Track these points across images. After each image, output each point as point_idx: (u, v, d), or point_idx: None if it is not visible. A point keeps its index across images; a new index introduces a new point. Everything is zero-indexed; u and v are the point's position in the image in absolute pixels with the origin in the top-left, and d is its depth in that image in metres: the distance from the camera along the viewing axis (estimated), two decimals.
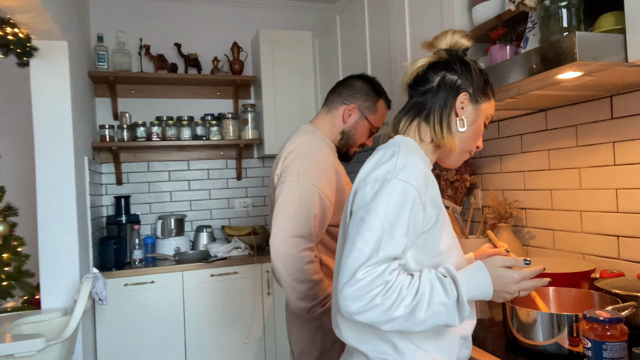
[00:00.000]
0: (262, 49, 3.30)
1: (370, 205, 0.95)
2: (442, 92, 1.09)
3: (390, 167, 0.98)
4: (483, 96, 1.12)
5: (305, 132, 1.68)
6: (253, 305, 3.00)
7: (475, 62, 1.14)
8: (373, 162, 1.02)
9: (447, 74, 1.09)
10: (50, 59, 2.34)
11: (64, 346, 2.05)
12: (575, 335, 1.11)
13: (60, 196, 2.36)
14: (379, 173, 0.98)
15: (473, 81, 1.10)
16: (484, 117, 1.13)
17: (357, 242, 0.93)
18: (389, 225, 0.93)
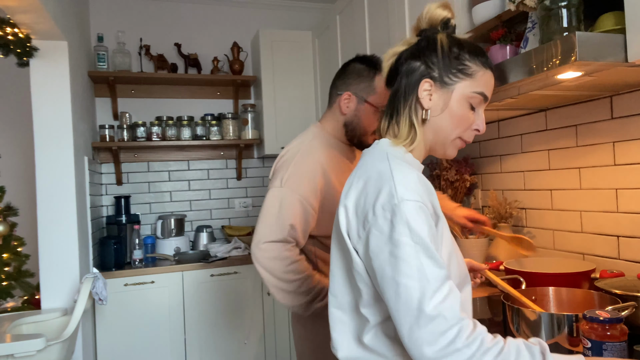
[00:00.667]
0: (262, 49, 3.30)
1: (393, 237, 0.86)
2: (403, 83, 0.99)
3: (390, 189, 0.89)
4: (455, 75, 0.97)
5: (304, 135, 1.63)
6: (253, 305, 3.00)
7: (449, 36, 1.00)
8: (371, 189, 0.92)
9: (410, 61, 0.99)
10: (50, 59, 2.34)
11: (64, 346, 2.05)
12: (575, 335, 1.11)
13: (60, 196, 2.36)
14: (383, 201, 0.89)
15: (439, 61, 0.97)
16: (466, 97, 0.98)
17: (401, 280, 0.84)
18: (423, 248, 0.85)
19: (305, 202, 1.49)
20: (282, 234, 1.46)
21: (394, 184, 0.89)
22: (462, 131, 1.00)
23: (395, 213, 0.87)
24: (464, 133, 1.01)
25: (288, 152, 1.57)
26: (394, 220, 0.86)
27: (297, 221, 1.48)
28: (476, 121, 1.00)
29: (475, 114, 1.00)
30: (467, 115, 0.99)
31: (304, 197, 1.48)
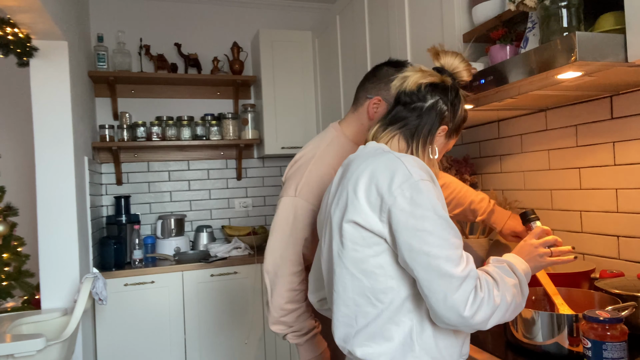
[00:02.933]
0: (262, 49, 3.30)
1: (416, 213, 0.94)
2: (431, 116, 1.10)
3: (404, 171, 0.97)
4: (455, 134, 1.16)
5: (320, 138, 1.57)
6: (253, 305, 3.00)
7: (464, 98, 1.17)
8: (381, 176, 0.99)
9: (440, 100, 1.11)
10: (50, 59, 2.34)
11: (64, 346, 2.05)
12: (575, 335, 1.11)
13: (60, 196, 2.36)
14: (399, 181, 0.96)
15: (456, 118, 1.14)
16: (444, 150, 1.18)
17: (431, 251, 0.92)
18: (444, 220, 0.95)
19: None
20: (295, 248, 1.43)
21: (405, 166, 0.98)
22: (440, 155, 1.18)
23: (415, 191, 0.94)
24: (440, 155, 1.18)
25: (302, 157, 1.52)
26: (414, 197, 0.94)
27: (310, 233, 1.45)
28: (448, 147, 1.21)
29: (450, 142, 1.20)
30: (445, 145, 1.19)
31: (318, 207, 1.45)
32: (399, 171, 0.97)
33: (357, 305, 1.02)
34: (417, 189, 0.94)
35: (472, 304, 0.91)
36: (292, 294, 1.42)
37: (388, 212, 0.96)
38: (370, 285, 1.00)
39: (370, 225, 0.98)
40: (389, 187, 0.96)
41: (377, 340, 1.00)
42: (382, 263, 0.99)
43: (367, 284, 1.00)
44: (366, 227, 0.98)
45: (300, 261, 1.45)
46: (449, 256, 0.92)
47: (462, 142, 2.35)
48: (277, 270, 1.43)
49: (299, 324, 1.43)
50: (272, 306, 1.42)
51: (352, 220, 1.00)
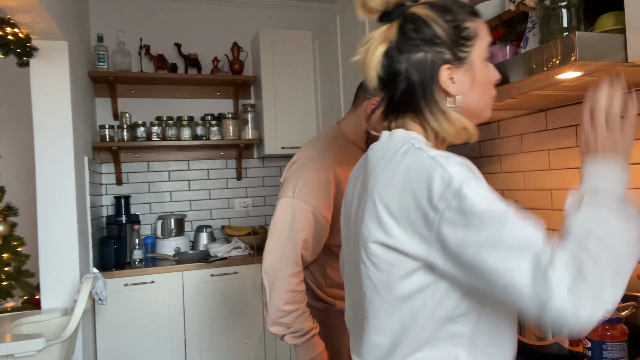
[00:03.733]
0: (262, 49, 3.30)
1: (471, 224, 0.74)
2: (415, 81, 0.87)
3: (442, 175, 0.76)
4: (466, 45, 0.88)
5: (319, 138, 1.57)
6: (253, 305, 3.00)
7: (427, 5, 0.88)
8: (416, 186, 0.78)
9: (409, 55, 0.87)
10: (50, 59, 2.34)
11: (64, 346, 2.05)
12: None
13: (60, 196, 2.36)
14: (439, 191, 0.76)
15: (443, 41, 0.87)
16: (483, 58, 0.91)
17: (509, 262, 0.71)
18: (505, 216, 0.74)
19: (318, 214, 1.44)
20: (293, 249, 1.42)
21: (441, 167, 0.77)
22: (491, 89, 0.93)
23: (461, 198, 0.74)
24: (492, 89, 0.94)
25: (300, 158, 1.52)
26: (462, 206, 0.74)
27: (309, 235, 1.44)
28: (493, 72, 0.93)
29: (490, 65, 0.93)
30: (489, 73, 0.92)
31: (316, 208, 1.44)
32: (436, 177, 0.77)
33: (391, 332, 0.85)
34: (462, 194, 0.74)
35: (579, 294, 0.68)
36: (291, 295, 1.42)
37: (437, 231, 0.76)
38: (409, 311, 0.83)
39: (406, 247, 0.80)
40: (429, 200, 0.76)
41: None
42: (420, 285, 0.81)
43: (403, 310, 0.83)
44: (399, 249, 0.80)
45: (299, 262, 1.44)
46: (532, 257, 0.71)
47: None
48: (275, 272, 1.42)
49: (298, 325, 1.43)
50: (271, 307, 1.42)
51: (380, 241, 0.82)
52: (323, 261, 1.56)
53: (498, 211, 0.74)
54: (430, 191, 0.76)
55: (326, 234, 1.49)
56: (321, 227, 1.46)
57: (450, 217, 0.75)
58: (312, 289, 1.57)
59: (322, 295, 1.57)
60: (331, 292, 1.57)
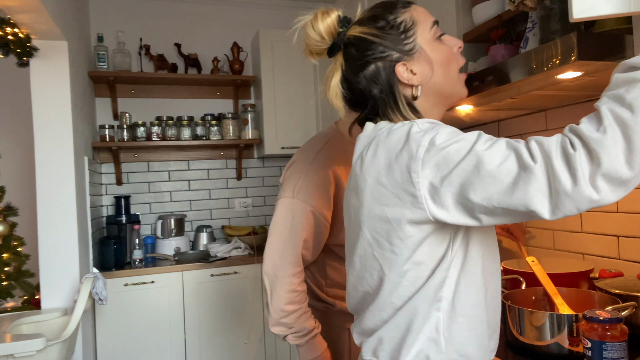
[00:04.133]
0: (262, 49, 3.30)
1: (451, 157, 0.77)
2: (376, 93, 0.93)
3: (410, 127, 0.84)
4: (407, 38, 0.93)
5: (318, 138, 1.57)
6: (253, 305, 3.00)
7: (359, 23, 0.96)
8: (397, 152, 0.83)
9: (362, 73, 0.94)
10: (50, 59, 2.34)
11: (64, 346, 2.05)
12: (575, 335, 1.11)
13: (60, 196, 2.36)
14: (413, 145, 0.81)
15: (384, 47, 0.93)
16: (431, 39, 0.95)
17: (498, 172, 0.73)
18: (478, 137, 0.79)
19: (318, 214, 1.44)
20: (294, 249, 1.42)
21: (415, 124, 0.84)
22: (455, 62, 0.97)
23: (435, 146, 0.79)
24: (456, 61, 0.98)
25: (299, 158, 1.52)
26: (439, 152, 0.78)
27: (309, 235, 1.44)
28: (452, 43, 0.98)
29: (445, 40, 0.97)
30: (444, 48, 0.96)
31: (316, 208, 1.44)
32: (410, 135, 0.83)
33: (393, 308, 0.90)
34: (432, 133, 0.81)
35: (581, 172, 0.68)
36: (292, 296, 1.42)
37: (422, 183, 0.80)
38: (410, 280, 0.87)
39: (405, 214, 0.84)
40: (410, 156, 0.81)
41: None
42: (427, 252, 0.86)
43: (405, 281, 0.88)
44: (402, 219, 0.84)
45: (300, 262, 1.44)
46: (515, 161, 0.73)
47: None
48: (276, 272, 1.42)
49: (299, 324, 1.43)
50: (272, 308, 1.42)
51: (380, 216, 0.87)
52: (323, 261, 1.56)
53: (467, 141, 0.78)
54: (409, 149, 0.81)
55: (326, 234, 1.49)
56: (321, 227, 1.46)
57: (429, 165, 0.79)
58: (313, 289, 1.57)
59: (322, 296, 1.57)
60: (332, 292, 1.56)
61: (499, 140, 0.77)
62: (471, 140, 0.78)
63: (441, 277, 0.86)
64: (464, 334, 0.87)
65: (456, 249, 0.86)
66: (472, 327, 0.88)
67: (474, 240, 0.88)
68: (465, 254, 0.87)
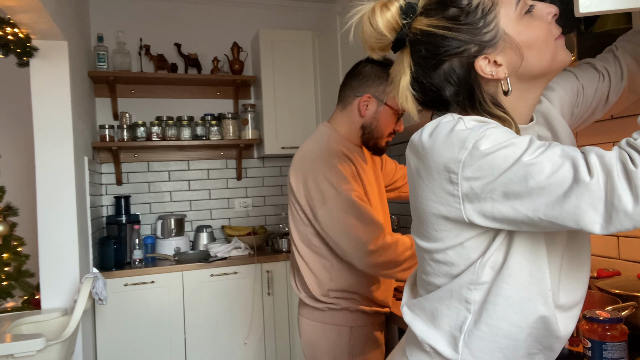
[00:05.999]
0: (262, 49, 3.30)
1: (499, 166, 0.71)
2: (451, 93, 0.84)
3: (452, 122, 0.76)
4: (487, 24, 0.80)
5: (318, 137, 1.59)
6: (253, 305, 3.00)
7: (427, 13, 0.82)
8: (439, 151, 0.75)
9: (436, 71, 0.84)
10: (50, 59, 2.34)
11: (64, 346, 2.05)
12: (575, 335, 1.11)
13: (60, 196, 2.36)
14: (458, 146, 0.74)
15: (459, 38, 0.80)
16: (520, 13, 0.80)
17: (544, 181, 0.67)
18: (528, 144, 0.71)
19: (362, 198, 1.49)
20: (373, 226, 1.45)
21: (462, 122, 0.75)
22: (549, 36, 0.81)
23: (479, 151, 0.71)
24: (551, 34, 0.82)
25: (307, 154, 1.54)
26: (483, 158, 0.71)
27: (370, 209, 1.49)
28: (543, 14, 0.81)
29: (535, 12, 0.81)
30: (537, 24, 0.81)
31: (360, 195, 1.48)
32: (456, 132, 0.75)
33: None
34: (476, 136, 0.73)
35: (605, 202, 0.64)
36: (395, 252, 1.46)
37: (461, 185, 0.75)
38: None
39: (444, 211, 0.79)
40: (453, 157, 0.74)
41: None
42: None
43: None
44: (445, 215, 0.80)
45: (383, 233, 1.47)
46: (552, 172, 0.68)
47: None
48: (376, 261, 1.45)
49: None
50: (398, 269, 1.47)
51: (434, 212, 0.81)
52: (329, 261, 1.56)
53: (517, 147, 0.70)
54: (451, 147, 0.74)
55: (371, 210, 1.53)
56: (368, 207, 1.50)
57: (471, 169, 0.72)
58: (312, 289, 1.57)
59: (323, 297, 1.57)
60: (334, 293, 1.56)
61: (552, 147, 0.69)
62: (521, 147, 0.70)
63: (468, 279, 0.81)
64: (484, 343, 0.82)
65: (490, 255, 0.80)
66: (494, 338, 0.82)
67: (517, 252, 0.79)
68: (503, 263, 0.80)
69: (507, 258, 0.80)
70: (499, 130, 0.74)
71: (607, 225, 0.65)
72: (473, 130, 0.73)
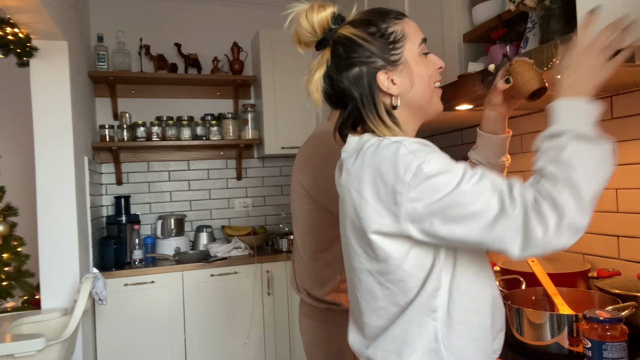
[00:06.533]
0: (262, 49, 3.30)
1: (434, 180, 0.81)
2: (357, 95, 0.95)
3: (394, 145, 0.85)
4: (395, 48, 0.95)
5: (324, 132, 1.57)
6: (253, 305, 3.00)
7: (352, 24, 0.97)
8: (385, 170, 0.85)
9: (345, 73, 0.95)
10: (50, 59, 2.34)
11: (64, 346, 2.05)
12: (575, 335, 1.11)
13: (60, 196, 2.36)
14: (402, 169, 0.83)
15: (371, 52, 0.94)
16: (418, 54, 0.97)
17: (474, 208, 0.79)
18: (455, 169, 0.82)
19: None
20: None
21: (403, 146, 0.85)
22: (432, 79, 0.99)
23: (421, 173, 0.81)
24: (434, 78, 1.00)
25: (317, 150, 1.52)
26: (424, 180, 0.81)
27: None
28: (434, 62, 1.00)
29: (430, 58, 1.00)
30: (427, 65, 0.98)
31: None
32: (399, 155, 0.84)
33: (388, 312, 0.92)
34: (421, 171, 0.82)
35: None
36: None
37: (405, 205, 0.83)
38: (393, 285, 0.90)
39: (385, 228, 0.87)
40: (396, 177, 0.83)
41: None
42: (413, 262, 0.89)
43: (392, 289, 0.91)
44: (387, 233, 0.87)
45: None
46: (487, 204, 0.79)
47: (462, 142, 2.35)
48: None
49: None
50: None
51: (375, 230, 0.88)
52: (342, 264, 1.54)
53: (455, 174, 0.81)
54: (396, 170, 0.83)
55: None
56: None
57: (415, 191, 0.81)
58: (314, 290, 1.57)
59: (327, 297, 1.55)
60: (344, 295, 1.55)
61: (484, 178, 0.81)
62: (458, 175, 0.81)
63: (433, 287, 0.87)
64: (462, 340, 0.89)
65: (443, 259, 0.88)
66: (470, 333, 0.89)
67: (462, 249, 0.90)
68: (454, 262, 0.89)
69: (456, 254, 0.89)
70: (438, 154, 0.84)
71: (523, 252, 0.78)
72: (416, 154, 0.83)
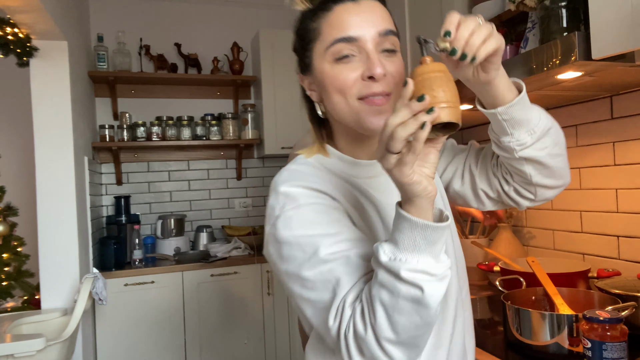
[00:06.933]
0: (262, 49, 3.30)
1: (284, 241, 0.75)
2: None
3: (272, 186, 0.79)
4: (306, 49, 0.82)
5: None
6: (253, 305, 3.00)
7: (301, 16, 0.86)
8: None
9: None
10: (50, 59, 2.34)
11: (64, 346, 2.05)
12: (575, 335, 1.11)
13: (60, 196, 2.36)
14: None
15: (296, 48, 0.87)
16: (324, 57, 0.77)
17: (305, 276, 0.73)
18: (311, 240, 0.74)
19: None
20: None
21: (274, 193, 0.77)
22: (350, 91, 0.75)
23: (276, 228, 0.75)
24: (355, 91, 0.75)
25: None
26: (277, 237, 0.74)
27: None
28: (357, 70, 0.75)
29: (346, 64, 0.75)
30: (339, 73, 0.75)
31: None
32: (270, 202, 0.78)
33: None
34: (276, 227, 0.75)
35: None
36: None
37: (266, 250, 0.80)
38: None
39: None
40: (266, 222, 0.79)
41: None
42: None
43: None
44: None
45: None
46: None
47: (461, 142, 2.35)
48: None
49: None
50: None
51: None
52: None
53: (305, 246, 0.71)
54: (267, 213, 0.77)
55: None
56: None
57: (270, 242, 0.76)
58: None
59: None
60: None
61: (330, 272, 0.70)
62: (308, 253, 0.71)
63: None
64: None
65: None
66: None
67: None
68: None
69: None
70: (301, 213, 0.73)
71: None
72: (278, 203, 0.75)
